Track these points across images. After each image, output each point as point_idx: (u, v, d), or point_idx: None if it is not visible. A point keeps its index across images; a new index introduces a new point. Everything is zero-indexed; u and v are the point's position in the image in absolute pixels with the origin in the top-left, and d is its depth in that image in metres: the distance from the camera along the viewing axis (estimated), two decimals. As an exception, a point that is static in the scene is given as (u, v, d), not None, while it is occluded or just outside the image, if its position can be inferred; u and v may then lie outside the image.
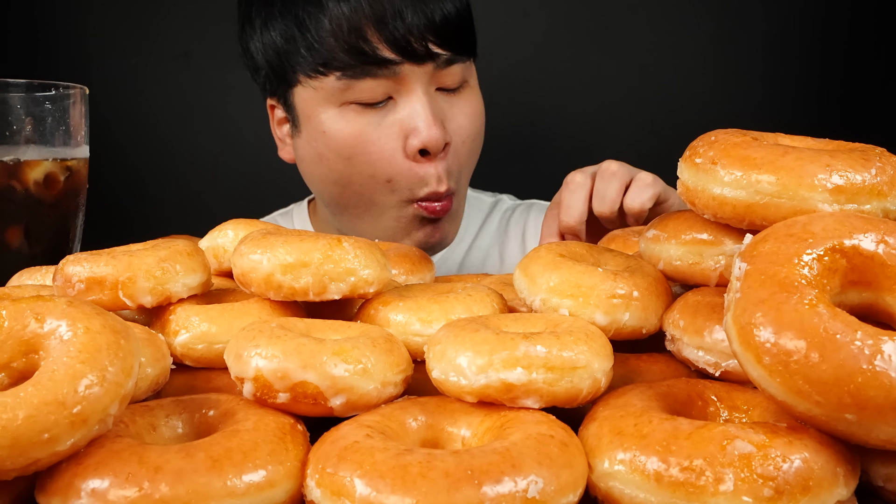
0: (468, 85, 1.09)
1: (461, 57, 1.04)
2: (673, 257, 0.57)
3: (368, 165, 1.03)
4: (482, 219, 1.32)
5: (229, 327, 0.54)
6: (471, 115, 1.08)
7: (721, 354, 0.50)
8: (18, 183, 0.79)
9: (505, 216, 1.32)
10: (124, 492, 0.37)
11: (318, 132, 1.06)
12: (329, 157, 1.06)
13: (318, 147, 1.07)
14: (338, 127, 1.03)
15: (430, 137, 0.99)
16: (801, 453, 0.39)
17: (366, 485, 0.38)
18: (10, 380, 0.42)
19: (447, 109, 1.05)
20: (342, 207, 1.11)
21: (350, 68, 0.99)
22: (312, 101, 1.05)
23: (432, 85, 1.03)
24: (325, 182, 1.10)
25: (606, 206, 0.87)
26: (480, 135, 1.11)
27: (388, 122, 1.02)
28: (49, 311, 0.43)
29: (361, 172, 1.04)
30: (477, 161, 1.14)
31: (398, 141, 1.02)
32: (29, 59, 1.76)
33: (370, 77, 1.00)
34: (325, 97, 1.03)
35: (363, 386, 0.46)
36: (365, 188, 1.05)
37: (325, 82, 1.02)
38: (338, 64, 1.00)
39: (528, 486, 0.38)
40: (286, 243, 0.54)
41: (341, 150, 1.04)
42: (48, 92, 0.81)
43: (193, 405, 0.47)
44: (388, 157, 1.02)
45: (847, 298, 0.44)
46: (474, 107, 1.09)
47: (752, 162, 0.49)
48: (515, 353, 0.44)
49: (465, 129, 1.07)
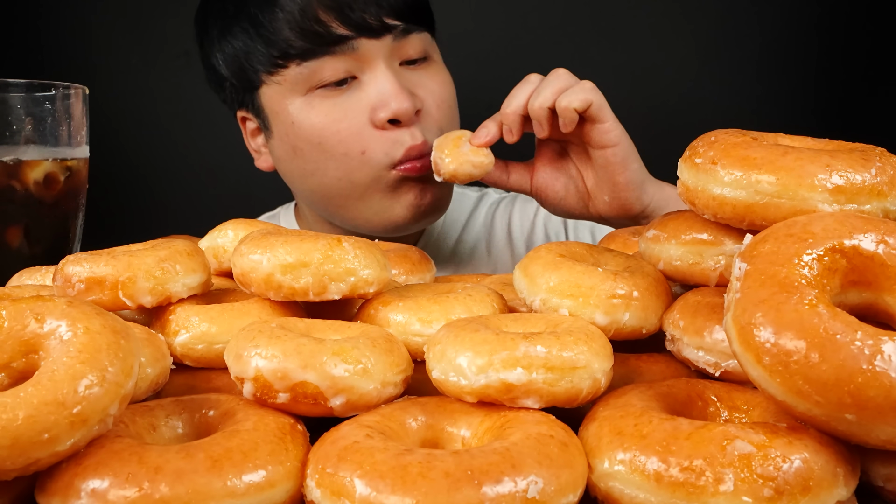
0: (433, 60, 1.09)
1: (417, 27, 1.04)
2: (673, 257, 0.57)
3: (341, 144, 1.03)
4: (468, 213, 1.31)
5: (229, 327, 0.54)
6: (440, 83, 1.08)
7: (721, 354, 0.50)
8: (18, 183, 0.79)
9: (491, 209, 1.32)
10: (124, 492, 0.37)
11: (287, 125, 1.07)
12: (302, 147, 1.06)
13: (291, 140, 1.08)
14: (305, 115, 1.04)
15: (399, 106, 0.99)
16: (801, 453, 0.39)
17: (366, 485, 0.38)
18: (10, 380, 0.43)
19: (417, 80, 1.06)
20: (326, 200, 1.10)
21: (308, 52, 1.01)
22: (278, 97, 1.06)
23: (395, 59, 1.04)
24: (304, 176, 1.10)
25: (538, 101, 0.89)
26: (455, 103, 1.11)
27: (354, 100, 1.03)
28: (49, 311, 0.43)
29: (335, 153, 1.04)
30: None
31: (366, 115, 1.02)
32: (29, 59, 1.76)
33: (329, 56, 1.01)
34: (290, 89, 1.04)
35: (363, 386, 0.46)
36: (341, 170, 1.04)
37: (286, 74, 1.03)
38: (295, 51, 1.01)
39: (528, 486, 0.38)
40: (286, 243, 0.54)
41: (311, 136, 1.04)
42: (48, 92, 0.81)
43: (193, 405, 0.47)
44: (358, 131, 1.02)
45: (847, 298, 0.44)
46: (442, 76, 1.09)
47: (752, 162, 0.49)
48: (515, 354, 0.44)
49: (438, 94, 1.07)
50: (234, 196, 1.76)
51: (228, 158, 1.80)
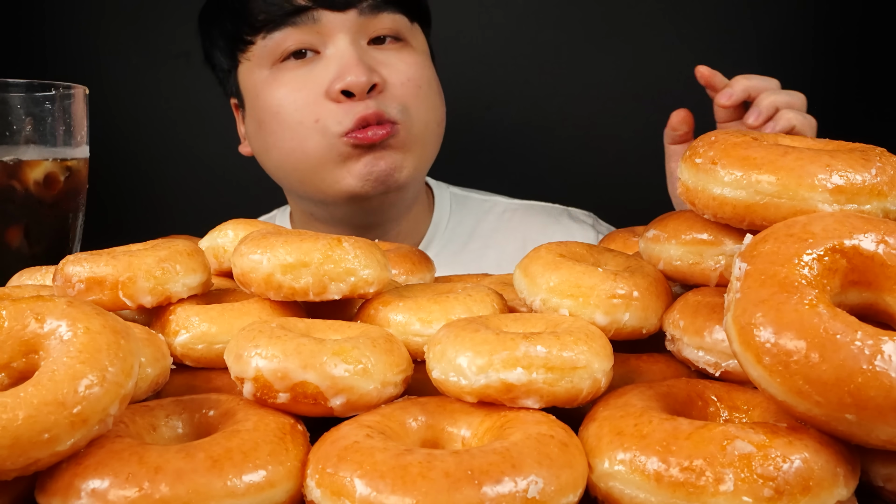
0: (408, 44, 1.09)
1: (388, 7, 1.04)
2: (673, 257, 0.57)
3: (296, 112, 1.04)
4: (475, 220, 1.30)
5: (229, 327, 0.54)
6: (411, 65, 1.07)
7: (721, 354, 0.50)
8: (18, 183, 0.79)
9: (503, 217, 1.30)
10: (124, 492, 0.37)
11: (253, 99, 1.09)
12: (264, 118, 1.08)
13: (257, 114, 1.09)
14: (268, 87, 1.06)
15: (355, 79, 1.00)
16: (801, 453, 0.39)
17: (366, 485, 0.38)
18: (10, 380, 0.42)
19: (383, 59, 1.05)
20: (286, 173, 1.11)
21: (270, 23, 1.02)
22: (248, 74, 1.08)
23: (361, 35, 1.04)
24: (267, 150, 1.10)
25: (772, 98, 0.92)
26: (430, 86, 1.10)
27: (314, 73, 1.04)
28: (49, 311, 0.43)
29: (290, 122, 1.04)
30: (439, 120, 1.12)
31: (324, 86, 1.03)
32: (29, 59, 1.76)
33: (291, 27, 1.02)
34: (257, 64, 1.06)
35: (363, 386, 0.46)
36: (295, 139, 1.05)
37: (254, 50, 1.06)
38: (259, 23, 1.03)
39: (528, 486, 0.38)
40: (286, 243, 0.54)
41: (271, 107, 1.06)
42: (48, 92, 0.81)
43: (193, 405, 0.47)
44: (314, 101, 1.03)
45: (847, 298, 0.44)
46: (415, 59, 1.08)
47: (752, 162, 0.49)
48: (515, 354, 0.44)
49: (405, 73, 1.06)
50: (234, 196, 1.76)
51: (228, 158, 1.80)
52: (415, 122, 1.07)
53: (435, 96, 1.12)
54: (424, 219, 1.26)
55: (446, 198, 1.30)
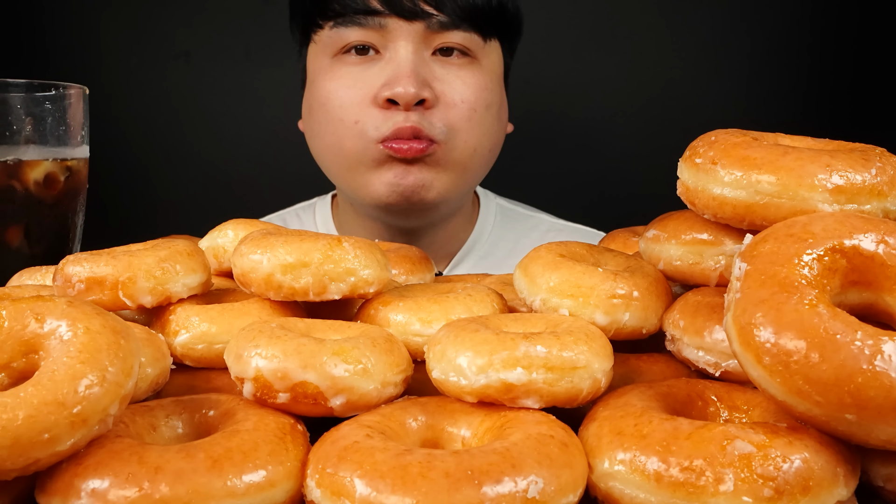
0: (476, 62, 1.07)
1: (461, 25, 1.03)
2: (673, 257, 0.56)
3: (340, 109, 1.05)
4: (517, 235, 1.27)
5: (229, 327, 0.54)
6: (471, 85, 1.06)
7: (721, 354, 0.50)
8: (18, 183, 0.79)
9: (546, 237, 1.28)
10: (124, 492, 0.37)
11: (311, 83, 1.11)
12: (314, 106, 1.09)
13: (309, 99, 1.12)
14: (324, 76, 1.08)
15: (403, 89, 0.99)
16: (801, 453, 0.39)
17: (366, 485, 0.38)
18: (10, 380, 0.42)
19: (441, 74, 1.05)
20: (325, 166, 1.13)
21: (340, 16, 1.04)
22: (314, 56, 1.10)
23: (425, 46, 1.04)
24: (312, 137, 1.13)
25: None
26: (488, 110, 1.07)
27: (368, 74, 1.04)
28: (49, 311, 0.43)
29: (332, 118, 1.06)
30: (491, 146, 1.11)
31: (373, 90, 1.03)
32: (29, 59, 1.76)
33: (357, 26, 1.03)
34: (322, 49, 1.08)
35: (363, 386, 0.46)
36: (335, 135, 1.06)
37: (322, 35, 1.07)
38: (331, 13, 1.05)
39: (528, 486, 0.38)
40: (286, 243, 0.54)
41: (321, 97, 1.07)
42: (48, 92, 0.81)
43: (193, 405, 0.47)
44: (358, 102, 1.04)
45: (847, 298, 0.44)
46: (478, 79, 1.07)
47: (752, 162, 0.49)
48: (515, 354, 0.44)
49: (460, 93, 1.05)
50: (234, 196, 1.77)
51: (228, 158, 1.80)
52: (458, 145, 1.06)
53: (492, 121, 1.09)
54: (465, 228, 1.25)
55: (492, 209, 1.29)
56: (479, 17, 1.05)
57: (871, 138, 0.56)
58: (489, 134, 1.10)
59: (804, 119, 1.73)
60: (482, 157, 1.11)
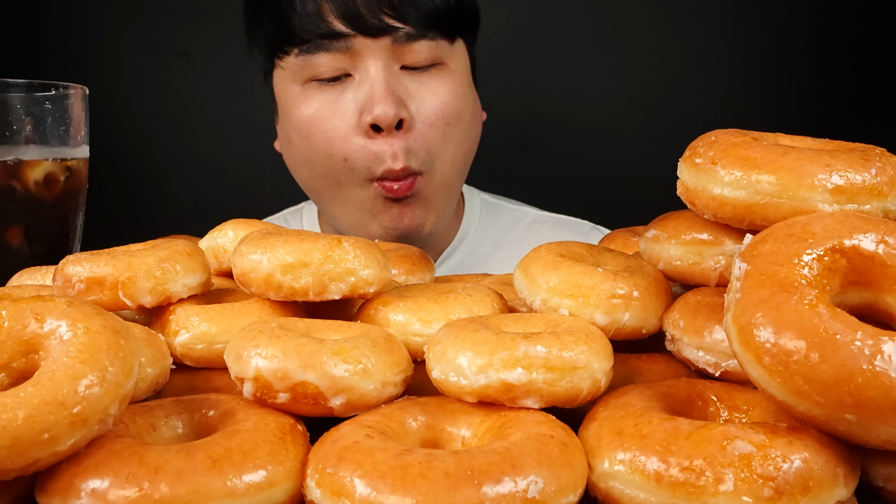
0: (445, 67, 1.06)
1: (428, 33, 1.02)
2: (673, 257, 0.56)
3: (325, 143, 1.03)
4: (503, 229, 1.28)
5: (229, 327, 0.54)
6: (443, 96, 1.04)
7: (721, 354, 0.50)
8: (18, 183, 0.79)
9: (531, 229, 1.28)
10: (124, 492, 0.37)
11: (284, 112, 1.09)
12: (293, 137, 1.07)
13: (286, 128, 1.09)
14: (298, 105, 1.05)
15: (381, 112, 0.98)
16: (801, 453, 0.39)
17: (366, 485, 0.38)
18: (10, 380, 0.42)
19: (414, 89, 1.03)
20: (317, 192, 1.11)
21: (305, 43, 1.01)
22: (282, 83, 1.08)
23: (395, 62, 1.02)
24: (296, 165, 1.11)
25: None
26: (460, 118, 1.07)
27: (344, 100, 1.02)
28: (49, 311, 0.43)
29: (320, 152, 1.04)
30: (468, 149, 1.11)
31: (353, 118, 1.02)
32: (30, 59, 1.76)
33: (324, 51, 1.01)
34: (290, 77, 1.05)
35: (363, 386, 0.46)
36: (327, 168, 1.05)
37: (288, 61, 1.04)
38: (296, 40, 1.02)
39: (528, 486, 0.38)
40: (286, 243, 0.54)
41: (301, 128, 1.05)
42: (48, 92, 0.81)
43: (193, 405, 0.47)
44: (343, 134, 1.02)
45: (847, 298, 0.44)
46: (449, 88, 1.05)
47: (752, 162, 0.49)
48: (515, 354, 0.44)
49: (434, 109, 1.03)
50: (234, 196, 1.77)
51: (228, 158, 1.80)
52: (439, 168, 1.06)
53: (466, 127, 1.09)
54: (452, 226, 1.25)
55: (477, 204, 1.29)
56: (442, 21, 1.04)
57: (871, 138, 0.56)
58: (465, 142, 1.10)
59: (804, 119, 1.73)
60: (461, 166, 1.11)
